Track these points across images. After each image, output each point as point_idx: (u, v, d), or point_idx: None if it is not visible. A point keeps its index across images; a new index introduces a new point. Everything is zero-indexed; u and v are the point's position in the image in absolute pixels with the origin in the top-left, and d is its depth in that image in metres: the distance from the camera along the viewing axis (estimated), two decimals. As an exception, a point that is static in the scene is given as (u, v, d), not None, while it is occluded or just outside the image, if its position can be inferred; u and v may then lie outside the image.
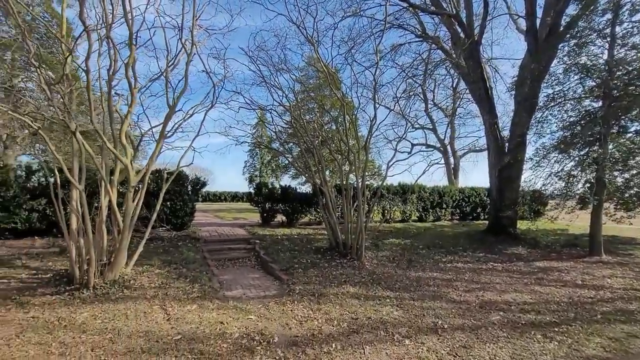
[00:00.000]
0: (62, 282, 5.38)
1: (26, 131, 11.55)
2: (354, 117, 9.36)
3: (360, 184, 7.83)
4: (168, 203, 9.72)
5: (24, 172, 8.74)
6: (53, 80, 5.68)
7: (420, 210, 15.10)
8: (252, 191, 12.63)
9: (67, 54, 4.92)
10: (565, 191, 9.14)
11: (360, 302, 5.25)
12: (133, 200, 5.77)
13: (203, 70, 7.11)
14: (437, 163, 25.76)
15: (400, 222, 14.69)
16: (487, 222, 15.42)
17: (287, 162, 32.02)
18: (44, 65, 6.03)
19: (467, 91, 20.96)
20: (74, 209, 5.46)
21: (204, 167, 75.39)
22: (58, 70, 6.35)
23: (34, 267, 6.25)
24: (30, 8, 10.11)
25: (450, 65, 17.66)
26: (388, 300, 5.38)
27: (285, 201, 12.44)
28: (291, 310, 4.84)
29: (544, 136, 10.35)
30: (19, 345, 3.56)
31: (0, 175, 8.11)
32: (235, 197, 36.03)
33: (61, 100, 5.25)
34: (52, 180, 6.67)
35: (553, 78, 9.94)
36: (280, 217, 12.75)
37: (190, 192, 10.65)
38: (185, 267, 6.65)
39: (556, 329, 4.36)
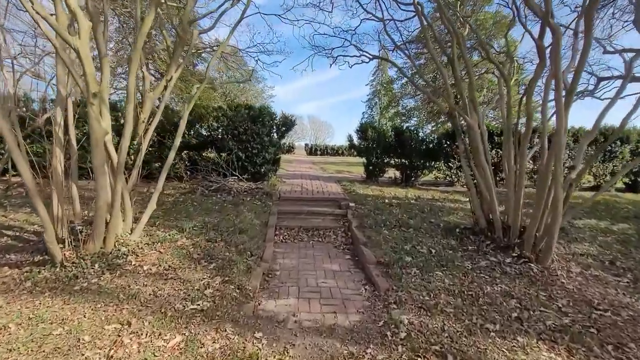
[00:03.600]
0: (41, 248, 3.70)
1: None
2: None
3: (562, 112, 3.61)
4: (243, 146, 7.68)
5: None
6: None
7: (635, 171, 9.05)
8: (354, 135, 9.49)
9: None
10: None
11: None
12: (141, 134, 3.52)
13: None
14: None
15: (590, 190, 9.18)
16: None
17: (409, 106, 27.02)
18: None
19: None
20: (56, 137, 3.55)
21: (324, 121, 75.95)
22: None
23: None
24: None
25: None
26: None
27: (400, 150, 8.90)
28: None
29: None
30: None
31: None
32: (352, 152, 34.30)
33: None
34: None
35: None
36: (392, 172, 9.39)
37: (273, 134, 8.37)
38: (227, 239, 4.30)
39: None
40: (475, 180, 4.72)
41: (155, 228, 4.45)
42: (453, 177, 9.03)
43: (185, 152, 8.11)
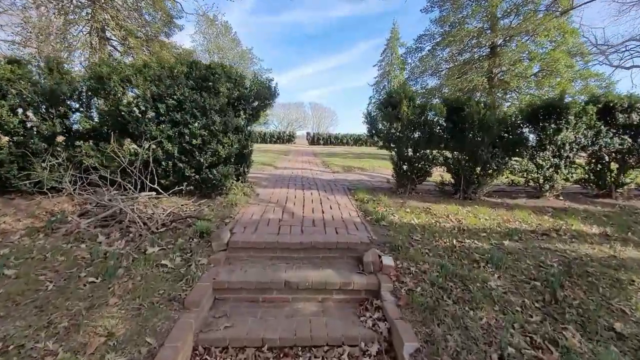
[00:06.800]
0: None
1: None
2: None
3: None
4: (176, 132, 4.21)
5: None
6: None
7: None
8: (376, 112, 5.68)
9: None
10: None
11: None
12: None
13: None
14: None
15: None
16: None
17: (430, 86, 22.74)
18: None
19: None
20: None
21: (327, 107, 71.05)
22: None
23: None
24: None
25: None
26: None
27: (455, 138, 5.32)
28: None
29: None
30: None
31: None
32: (358, 140, 33.94)
33: None
34: None
35: None
36: (439, 174, 5.85)
37: (240, 113, 4.88)
38: None
39: None
40: None
41: None
42: (542, 181, 5.50)
43: (80, 142, 4.66)
